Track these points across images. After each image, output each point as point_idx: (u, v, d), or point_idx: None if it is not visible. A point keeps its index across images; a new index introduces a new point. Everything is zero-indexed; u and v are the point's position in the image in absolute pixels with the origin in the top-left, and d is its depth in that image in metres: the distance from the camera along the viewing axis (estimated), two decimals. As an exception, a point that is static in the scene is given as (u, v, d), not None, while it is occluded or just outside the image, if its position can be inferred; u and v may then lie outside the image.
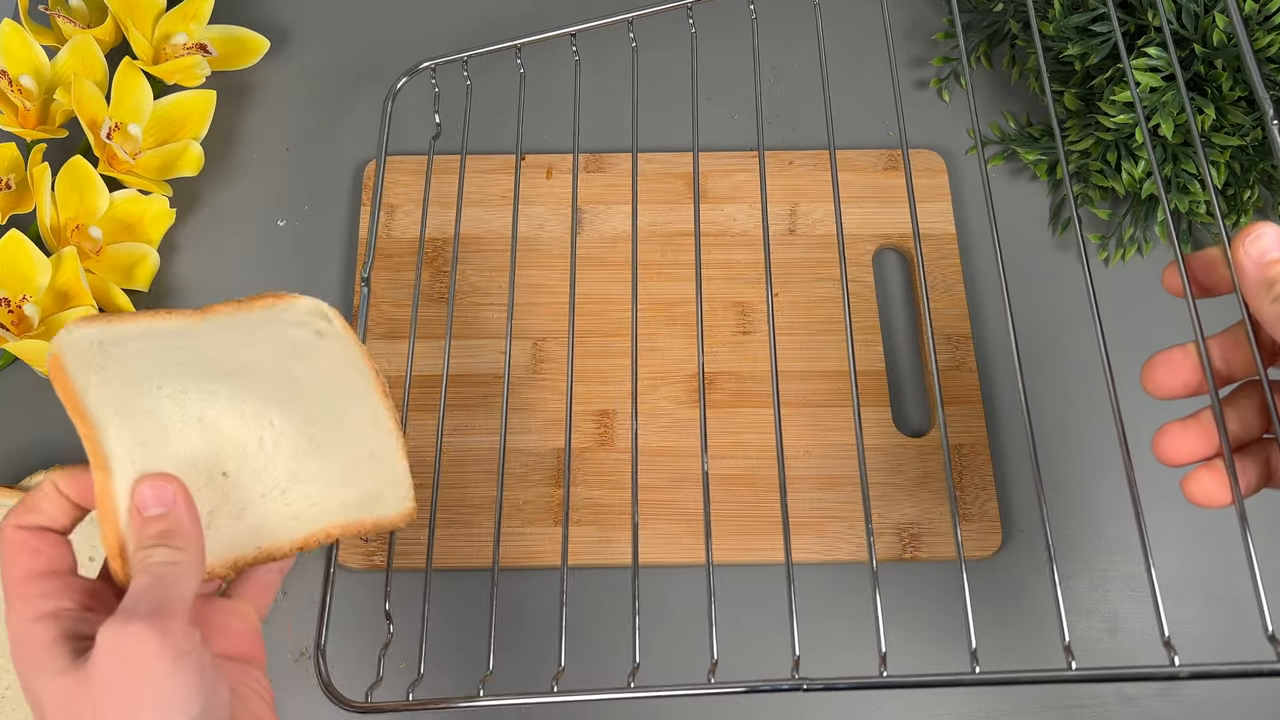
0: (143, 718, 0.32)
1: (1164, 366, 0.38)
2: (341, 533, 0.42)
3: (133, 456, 0.37)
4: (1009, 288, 0.45)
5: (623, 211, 0.64)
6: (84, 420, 0.37)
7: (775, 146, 0.66)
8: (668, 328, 0.61)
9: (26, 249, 0.57)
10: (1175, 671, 0.37)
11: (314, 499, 0.41)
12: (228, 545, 0.39)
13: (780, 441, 0.48)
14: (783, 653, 0.53)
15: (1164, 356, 0.38)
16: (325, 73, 0.70)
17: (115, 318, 0.40)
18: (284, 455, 0.41)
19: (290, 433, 0.41)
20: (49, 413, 0.59)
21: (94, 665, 0.33)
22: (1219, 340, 0.39)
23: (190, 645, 0.33)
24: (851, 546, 0.55)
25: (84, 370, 0.38)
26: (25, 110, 0.63)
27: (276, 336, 0.43)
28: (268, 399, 0.41)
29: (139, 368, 0.39)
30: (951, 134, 0.67)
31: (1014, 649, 0.54)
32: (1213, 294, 0.39)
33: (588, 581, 0.55)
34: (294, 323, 0.44)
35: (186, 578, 0.35)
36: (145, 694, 0.32)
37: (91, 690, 0.33)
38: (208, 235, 0.65)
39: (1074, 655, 0.40)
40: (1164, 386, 0.38)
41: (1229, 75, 0.57)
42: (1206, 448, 0.38)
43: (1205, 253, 0.39)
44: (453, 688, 0.52)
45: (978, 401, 0.59)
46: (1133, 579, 0.56)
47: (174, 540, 0.36)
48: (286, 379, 0.42)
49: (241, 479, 0.40)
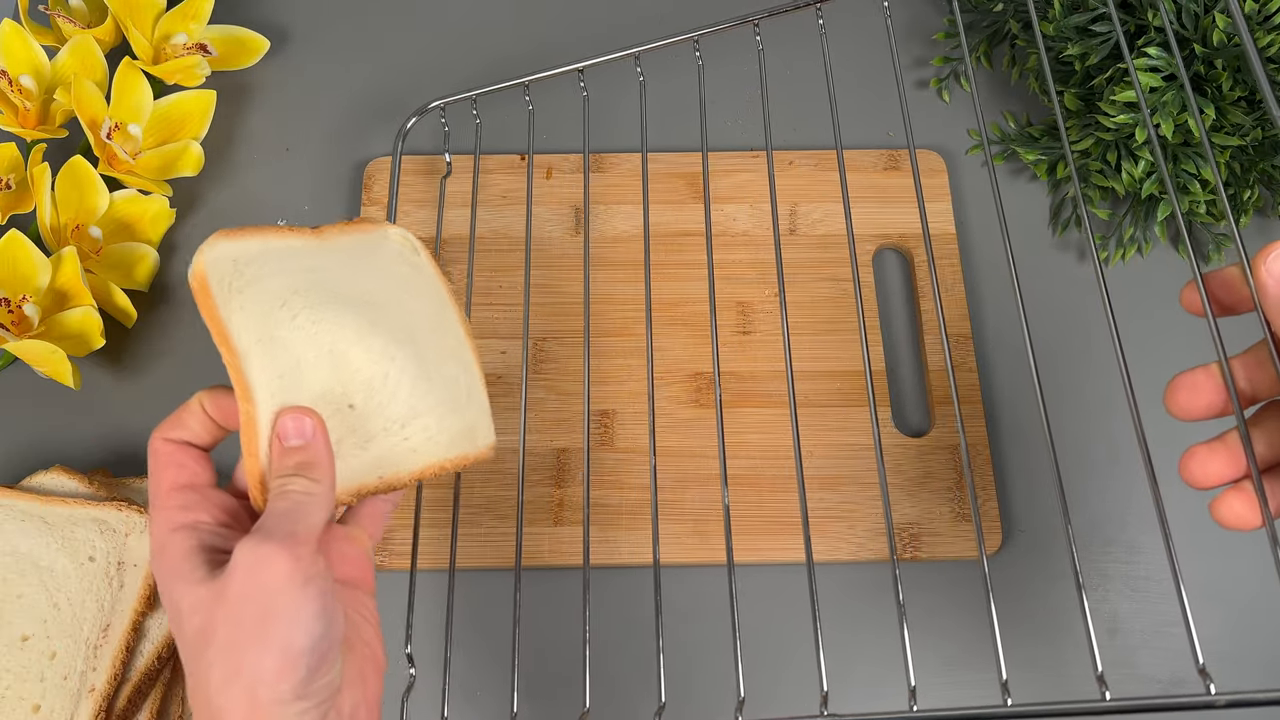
0: (272, 633, 0.34)
1: (1186, 389, 0.38)
2: (452, 466, 0.43)
3: (272, 389, 0.39)
4: (1005, 287, 0.45)
5: (624, 211, 0.64)
6: (229, 348, 0.38)
7: (776, 146, 0.66)
8: (670, 328, 0.61)
9: (26, 249, 0.57)
10: (1212, 700, 0.37)
11: (430, 433, 0.42)
12: (352, 474, 0.40)
13: (798, 444, 0.48)
14: (783, 654, 0.53)
15: (1186, 378, 0.38)
16: (325, 72, 0.70)
17: (241, 232, 0.41)
18: (404, 390, 0.41)
19: (410, 368, 0.42)
20: (49, 413, 0.59)
21: (229, 578, 0.35)
22: (1241, 360, 0.38)
23: (317, 570, 0.35)
24: (851, 547, 0.55)
25: (225, 292, 0.39)
26: (25, 110, 0.63)
27: (385, 269, 0.44)
28: (391, 334, 0.41)
29: (270, 290, 0.40)
30: (951, 134, 0.67)
31: (1014, 648, 0.54)
32: (1234, 313, 0.39)
33: (589, 582, 0.55)
34: (393, 254, 0.45)
35: (320, 508, 0.37)
36: (276, 611, 0.34)
37: (226, 602, 0.35)
38: (207, 235, 0.65)
39: (1107, 686, 0.39)
40: (1187, 408, 0.38)
41: (1229, 75, 0.57)
42: (1234, 469, 0.37)
43: (1224, 271, 0.39)
44: (457, 689, 0.52)
45: (978, 401, 0.59)
46: (1132, 578, 0.56)
47: (311, 471, 0.38)
48: (403, 312, 0.43)
49: (367, 412, 0.41)
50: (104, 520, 0.52)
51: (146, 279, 0.61)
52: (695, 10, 0.69)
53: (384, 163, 0.65)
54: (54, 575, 0.51)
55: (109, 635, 0.49)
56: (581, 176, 0.65)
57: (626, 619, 0.54)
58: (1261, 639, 0.54)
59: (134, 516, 0.52)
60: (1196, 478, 0.37)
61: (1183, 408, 0.38)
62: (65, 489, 0.54)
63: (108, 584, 0.51)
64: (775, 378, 0.59)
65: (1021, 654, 0.53)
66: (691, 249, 0.63)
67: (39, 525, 0.52)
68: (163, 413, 0.40)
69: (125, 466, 0.58)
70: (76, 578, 0.51)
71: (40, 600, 0.50)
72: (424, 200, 0.64)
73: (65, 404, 0.60)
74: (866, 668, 0.53)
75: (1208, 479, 0.37)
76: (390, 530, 0.56)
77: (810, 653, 0.54)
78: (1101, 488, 0.58)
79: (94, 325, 0.57)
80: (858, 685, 0.53)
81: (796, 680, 0.52)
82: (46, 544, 0.51)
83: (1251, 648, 0.54)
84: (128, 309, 0.60)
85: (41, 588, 0.50)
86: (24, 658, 0.49)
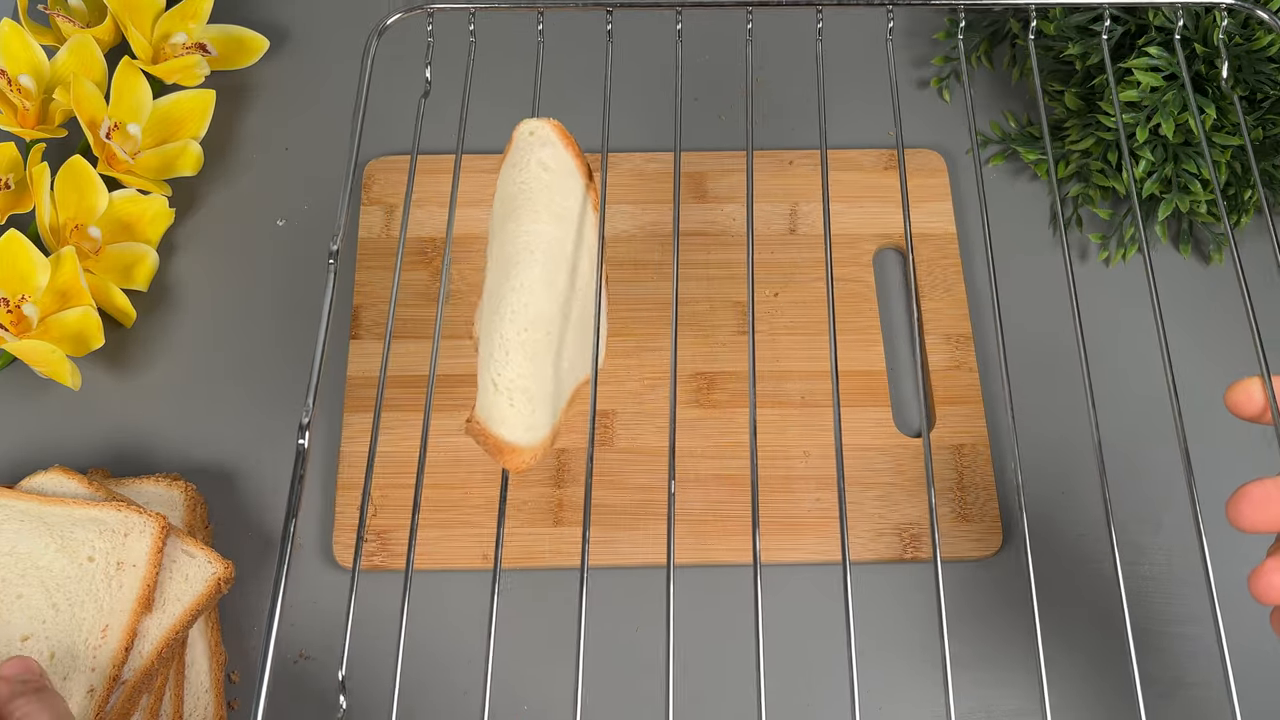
0: None
1: (1253, 503, 0.36)
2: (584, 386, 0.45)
3: None
4: (1005, 287, 0.44)
5: (622, 211, 0.64)
6: None
7: (775, 146, 0.66)
8: (667, 328, 0.61)
9: (25, 249, 0.57)
10: None
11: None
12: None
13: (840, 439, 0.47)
14: (784, 653, 0.53)
15: (1254, 491, 0.36)
16: (325, 72, 0.70)
17: None
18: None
19: None
20: (48, 413, 0.59)
21: None
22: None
23: None
24: (852, 547, 0.55)
25: None
26: (24, 110, 0.63)
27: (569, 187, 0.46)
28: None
29: None
30: (951, 134, 0.67)
31: (1013, 648, 0.53)
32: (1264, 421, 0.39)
33: (587, 582, 0.55)
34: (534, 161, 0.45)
35: None
36: None
37: None
38: (207, 235, 0.65)
39: None
40: (1254, 523, 0.37)
41: (1230, 75, 0.57)
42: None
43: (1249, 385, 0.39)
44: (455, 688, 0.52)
45: (978, 401, 0.59)
46: (1130, 578, 0.56)
47: None
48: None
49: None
50: (103, 521, 0.52)
51: (146, 279, 0.61)
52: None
53: (384, 162, 0.65)
54: (53, 576, 0.51)
55: (107, 636, 0.49)
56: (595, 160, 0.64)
57: (627, 619, 0.54)
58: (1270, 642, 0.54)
59: (133, 517, 0.52)
60: (1246, 522, 0.36)
61: (1249, 521, 0.36)
62: (65, 489, 0.54)
63: (107, 585, 0.50)
64: (774, 377, 0.59)
65: (1021, 653, 0.53)
66: (692, 248, 0.63)
67: (38, 526, 0.52)
68: (163, 412, 0.39)
69: (125, 466, 0.58)
70: (76, 579, 0.51)
71: (40, 601, 0.50)
72: (421, 200, 0.64)
73: (65, 404, 0.59)
74: (868, 667, 0.53)
75: (1258, 525, 0.36)
76: (389, 530, 0.55)
77: (811, 653, 0.54)
78: (1100, 486, 0.58)
79: (93, 325, 0.57)
80: (856, 685, 0.53)
81: (796, 680, 0.52)
82: (46, 544, 0.51)
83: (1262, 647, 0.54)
84: (127, 309, 0.60)
85: (41, 588, 0.50)
86: None
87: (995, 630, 0.54)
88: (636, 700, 0.52)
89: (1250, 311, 0.42)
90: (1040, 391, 0.59)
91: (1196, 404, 0.53)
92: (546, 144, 0.45)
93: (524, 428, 0.41)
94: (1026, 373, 0.60)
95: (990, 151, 0.67)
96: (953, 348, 0.60)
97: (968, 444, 0.58)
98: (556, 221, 0.44)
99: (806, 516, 0.56)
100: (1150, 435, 0.55)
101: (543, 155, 0.45)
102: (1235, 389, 0.39)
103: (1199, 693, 0.53)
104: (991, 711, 0.53)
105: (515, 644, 0.53)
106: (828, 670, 0.53)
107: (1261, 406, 0.39)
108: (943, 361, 0.60)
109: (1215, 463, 0.49)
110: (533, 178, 0.44)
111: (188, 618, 0.51)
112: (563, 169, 0.45)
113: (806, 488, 0.56)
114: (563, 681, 0.53)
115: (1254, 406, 0.39)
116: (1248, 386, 0.39)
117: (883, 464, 0.57)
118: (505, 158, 0.46)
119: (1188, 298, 0.62)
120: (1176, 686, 0.53)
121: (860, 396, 0.59)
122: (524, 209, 0.43)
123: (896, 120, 0.50)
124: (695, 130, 0.67)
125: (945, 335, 0.60)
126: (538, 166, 0.45)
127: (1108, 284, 0.63)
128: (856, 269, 0.62)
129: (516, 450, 0.41)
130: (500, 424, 0.40)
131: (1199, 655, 0.54)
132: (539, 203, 0.44)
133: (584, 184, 0.46)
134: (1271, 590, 0.35)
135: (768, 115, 0.68)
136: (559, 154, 0.45)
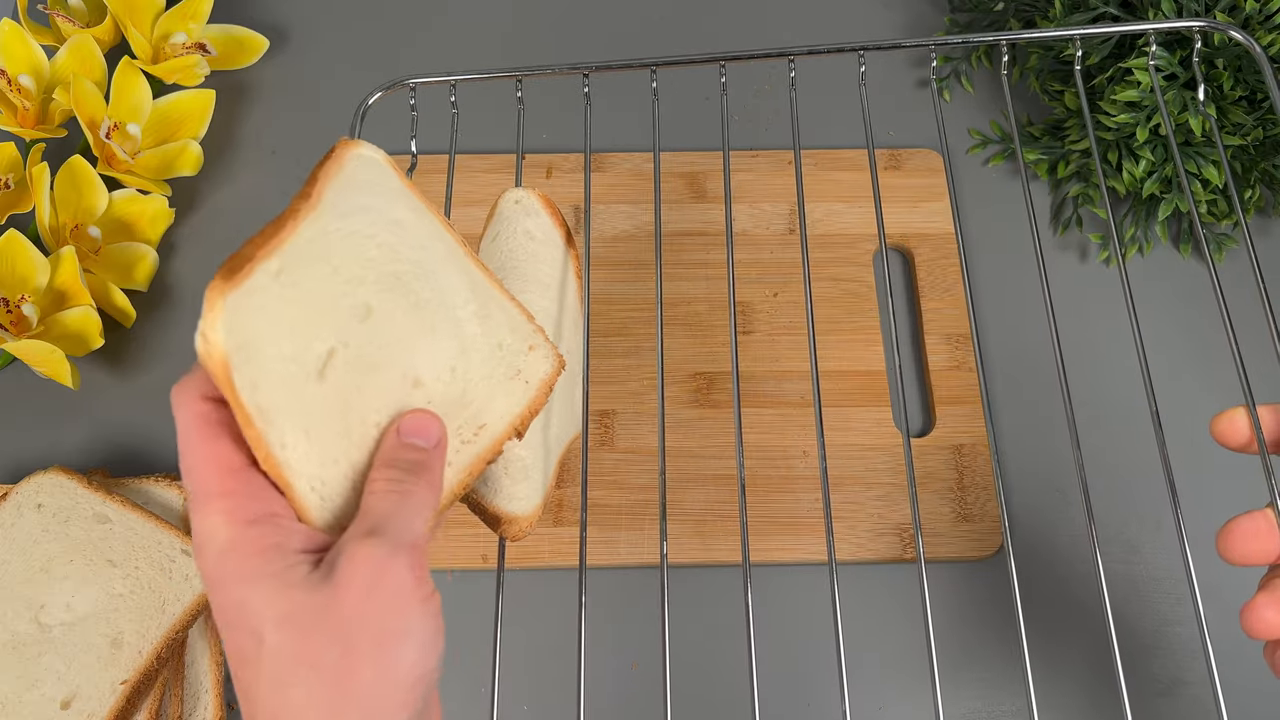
0: (394, 655, 0.29)
1: (1242, 537, 0.36)
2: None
3: None
4: (1004, 287, 0.45)
5: (623, 211, 0.64)
6: None
7: (775, 146, 0.66)
8: (668, 327, 0.61)
9: (25, 249, 0.57)
10: None
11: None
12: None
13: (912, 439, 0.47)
14: (784, 653, 0.53)
15: (1243, 526, 0.37)
16: (325, 72, 0.70)
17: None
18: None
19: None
20: (48, 413, 0.59)
21: (343, 587, 0.29)
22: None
23: (432, 585, 0.30)
24: (851, 546, 0.55)
25: None
26: (24, 110, 0.62)
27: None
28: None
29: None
30: (952, 134, 0.67)
31: (1015, 647, 0.53)
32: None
33: (587, 582, 0.55)
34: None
35: (429, 518, 0.32)
36: (399, 630, 0.29)
37: (337, 615, 0.29)
38: (207, 235, 0.65)
39: None
40: (1243, 556, 0.37)
41: (1230, 75, 0.57)
42: (1277, 548, 0.36)
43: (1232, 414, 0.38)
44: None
45: (978, 401, 0.59)
46: (1130, 578, 0.56)
47: (426, 475, 0.33)
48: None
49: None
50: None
51: (145, 279, 0.61)
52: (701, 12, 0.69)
53: (383, 162, 0.65)
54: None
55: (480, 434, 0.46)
56: (582, 176, 0.65)
57: (627, 619, 0.54)
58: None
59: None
60: (1235, 555, 0.36)
61: (1240, 554, 0.36)
62: (64, 489, 0.54)
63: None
64: (775, 378, 0.59)
65: (1020, 653, 0.53)
66: (691, 249, 0.63)
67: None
68: (163, 412, 0.36)
69: (124, 466, 0.58)
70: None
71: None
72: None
73: (64, 404, 0.59)
74: (866, 668, 0.53)
75: (1247, 558, 0.36)
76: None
77: (811, 652, 0.54)
78: (1101, 486, 0.58)
79: (93, 325, 0.57)
80: (856, 685, 0.53)
81: (797, 681, 0.52)
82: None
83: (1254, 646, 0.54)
84: (127, 309, 0.60)
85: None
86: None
87: (996, 630, 0.54)
88: (637, 700, 0.52)
89: (1233, 338, 0.41)
90: (1040, 392, 0.59)
91: (1197, 404, 0.53)
92: (531, 213, 0.46)
93: (520, 497, 0.42)
94: (1025, 372, 0.60)
95: (990, 151, 0.67)
96: (953, 348, 0.60)
97: (968, 444, 0.57)
98: (542, 290, 0.44)
99: (806, 516, 0.56)
100: (1151, 435, 0.55)
101: (528, 225, 0.45)
102: (1220, 420, 0.38)
103: (1199, 691, 0.53)
104: (993, 710, 0.53)
105: (515, 644, 0.53)
106: (828, 669, 0.53)
107: (1247, 437, 0.38)
108: (943, 361, 0.60)
109: (1215, 462, 0.49)
110: (519, 247, 0.45)
111: (187, 618, 0.51)
112: (547, 238, 0.46)
113: (806, 488, 0.56)
114: (563, 681, 0.53)
115: (1239, 437, 0.38)
116: (1232, 416, 0.38)
117: (883, 464, 0.57)
118: (487, 225, 0.46)
119: (1188, 297, 0.62)
120: (1177, 685, 0.53)
121: (860, 396, 0.59)
122: (511, 279, 0.44)
123: (870, 155, 0.50)
124: (696, 130, 0.67)
125: (945, 335, 0.60)
126: (524, 236, 0.45)
127: (1108, 283, 0.63)
128: (856, 269, 0.62)
129: (515, 520, 0.42)
130: (495, 495, 0.41)
131: (1199, 654, 0.54)
132: (526, 273, 0.44)
133: (565, 249, 0.47)
134: (1262, 624, 0.35)
135: (769, 117, 0.68)
136: (543, 223, 0.46)
